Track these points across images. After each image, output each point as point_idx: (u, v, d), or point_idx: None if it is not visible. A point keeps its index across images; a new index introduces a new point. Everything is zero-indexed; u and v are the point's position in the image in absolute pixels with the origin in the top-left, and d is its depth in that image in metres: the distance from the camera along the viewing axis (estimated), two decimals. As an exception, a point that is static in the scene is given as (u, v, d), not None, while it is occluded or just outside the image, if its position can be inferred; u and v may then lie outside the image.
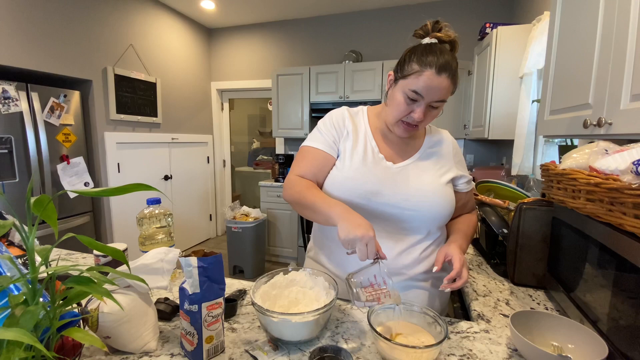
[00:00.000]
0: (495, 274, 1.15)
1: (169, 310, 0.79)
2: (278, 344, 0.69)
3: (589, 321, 0.71)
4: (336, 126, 0.93)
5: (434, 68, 0.75)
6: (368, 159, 0.88)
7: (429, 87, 0.76)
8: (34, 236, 0.49)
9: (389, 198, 0.84)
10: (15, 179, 2.16)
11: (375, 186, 0.84)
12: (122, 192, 0.53)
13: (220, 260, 0.65)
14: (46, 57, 2.33)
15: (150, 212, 0.96)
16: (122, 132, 2.92)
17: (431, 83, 0.76)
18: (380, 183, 0.85)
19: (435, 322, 0.69)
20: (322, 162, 0.91)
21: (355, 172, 0.86)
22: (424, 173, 0.88)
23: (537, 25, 1.74)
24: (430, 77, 0.76)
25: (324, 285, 0.79)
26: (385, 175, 0.86)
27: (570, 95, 0.94)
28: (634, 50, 0.68)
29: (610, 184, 0.61)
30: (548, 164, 0.94)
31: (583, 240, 0.77)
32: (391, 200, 0.84)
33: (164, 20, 3.36)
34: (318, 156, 0.91)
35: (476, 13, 3.11)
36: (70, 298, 0.52)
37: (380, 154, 0.90)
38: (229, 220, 3.11)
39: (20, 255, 0.90)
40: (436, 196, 0.85)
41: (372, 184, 0.84)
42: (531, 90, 1.79)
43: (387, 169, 0.88)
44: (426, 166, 0.90)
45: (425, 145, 0.93)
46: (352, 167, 0.87)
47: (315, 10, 3.46)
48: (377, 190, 0.84)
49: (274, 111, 3.53)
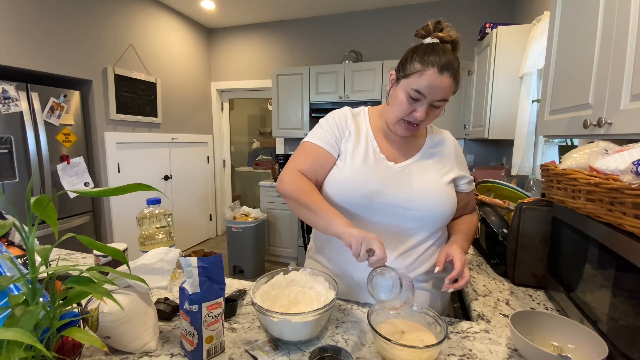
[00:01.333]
0: (495, 274, 1.15)
1: (169, 310, 0.79)
2: (278, 344, 0.69)
3: (589, 321, 0.71)
4: (338, 126, 0.92)
5: (436, 67, 0.76)
6: (369, 159, 0.88)
7: (431, 86, 0.76)
8: (34, 236, 0.49)
9: (391, 198, 0.84)
10: (15, 179, 2.16)
11: (376, 186, 0.84)
12: (122, 192, 0.53)
13: (220, 260, 0.65)
14: (46, 57, 2.33)
15: (150, 212, 0.96)
16: (122, 132, 2.92)
17: (433, 82, 0.76)
18: (382, 183, 0.84)
19: (435, 322, 0.69)
20: (323, 160, 0.90)
21: (356, 172, 0.86)
22: (426, 172, 0.88)
23: (537, 25, 1.74)
24: (432, 76, 0.76)
25: (324, 285, 0.79)
26: (386, 175, 0.86)
27: (570, 95, 0.94)
28: (634, 50, 0.68)
29: (610, 184, 0.61)
30: (548, 164, 0.94)
31: (583, 240, 0.77)
32: (393, 200, 0.84)
33: (164, 20, 3.36)
34: (320, 154, 0.90)
35: (476, 13, 3.11)
36: (70, 298, 0.52)
37: (381, 154, 0.89)
38: (229, 220, 3.11)
39: (20, 255, 0.90)
40: (439, 196, 0.84)
41: (374, 183, 0.84)
42: (531, 90, 1.79)
43: (388, 168, 0.87)
44: (428, 166, 0.89)
45: (427, 145, 0.93)
46: (354, 167, 0.87)
47: (315, 10, 3.46)
48: (378, 190, 0.84)
49: (274, 111, 3.53)
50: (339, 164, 0.90)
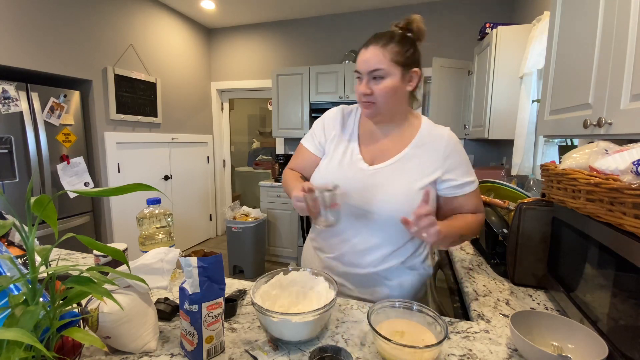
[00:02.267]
0: (495, 274, 1.15)
1: (169, 310, 0.79)
2: (278, 344, 0.69)
3: (589, 321, 0.71)
4: (326, 127, 0.99)
5: (363, 46, 0.85)
6: (345, 160, 0.93)
7: (361, 61, 0.85)
8: (34, 236, 0.49)
9: (355, 200, 0.88)
10: (15, 179, 2.16)
11: (344, 187, 0.85)
12: (122, 192, 0.53)
13: (220, 260, 0.65)
14: (46, 57, 2.33)
15: (150, 212, 0.96)
16: (122, 132, 2.92)
17: (362, 57, 0.84)
18: (350, 185, 0.88)
19: (435, 322, 0.69)
20: (308, 162, 1.01)
21: (329, 173, 0.93)
22: (398, 177, 0.87)
23: (537, 25, 1.74)
24: (361, 53, 0.85)
25: (324, 285, 0.79)
26: (356, 177, 0.90)
27: (570, 95, 0.94)
28: (634, 50, 0.68)
29: (610, 184, 0.61)
30: (548, 164, 0.94)
31: (583, 240, 0.77)
32: (357, 202, 0.88)
33: (164, 20, 3.36)
34: (306, 156, 1.02)
35: (476, 13, 3.11)
36: (70, 298, 0.52)
37: (359, 155, 0.93)
38: (229, 220, 3.11)
39: (20, 255, 0.90)
40: (398, 203, 0.84)
41: (343, 185, 0.85)
42: (531, 90, 1.79)
43: (361, 171, 0.91)
44: (406, 169, 0.87)
45: (413, 144, 0.90)
46: (329, 167, 0.94)
47: (315, 10, 3.46)
48: (345, 191, 0.86)
49: (274, 111, 3.53)
50: (321, 163, 0.98)
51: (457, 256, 1.31)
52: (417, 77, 0.87)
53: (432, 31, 3.25)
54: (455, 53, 3.16)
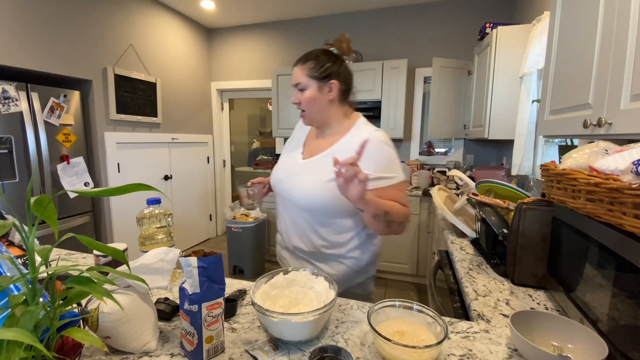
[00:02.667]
0: (495, 274, 1.15)
1: (169, 310, 0.79)
2: (278, 344, 0.69)
3: (589, 321, 0.71)
4: (294, 131, 1.20)
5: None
6: (289, 154, 1.11)
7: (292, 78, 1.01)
8: (34, 236, 0.49)
9: (286, 187, 1.04)
10: (15, 179, 2.16)
11: (279, 175, 1.08)
12: (122, 192, 0.53)
13: (220, 260, 0.65)
14: (46, 57, 2.33)
15: (150, 212, 0.96)
16: (122, 132, 2.92)
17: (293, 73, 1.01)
18: (284, 174, 1.06)
19: (435, 322, 0.69)
20: None
21: (279, 165, 1.12)
22: (317, 170, 0.99)
23: (537, 25, 1.74)
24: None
25: (324, 285, 0.79)
26: (289, 168, 1.06)
27: (570, 95, 0.95)
28: (634, 50, 0.68)
29: (610, 184, 0.61)
30: (548, 164, 0.94)
31: (583, 240, 0.77)
32: (286, 189, 1.04)
33: (164, 20, 3.36)
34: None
35: (476, 13, 3.11)
36: (70, 298, 0.52)
37: (300, 152, 1.09)
38: (229, 220, 3.11)
39: (20, 255, 0.90)
40: (314, 191, 0.96)
41: (280, 173, 1.08)
42: (531, 90, 1.79)
43: (295, 163, 1.06)
44: (325, 163, 0.98)
45: (340, 143, 1.01)
46: (280, 161, 1.13)
47: (315, 10, 3.46)
48: (280, 179, 1.07)
49: (274, 111, 3.53)
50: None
51: (457, 256, 1.31)
52: (335, 87, 0.99)
53: (432, 31, 3.28)
54: (455, 53, 3.16)
